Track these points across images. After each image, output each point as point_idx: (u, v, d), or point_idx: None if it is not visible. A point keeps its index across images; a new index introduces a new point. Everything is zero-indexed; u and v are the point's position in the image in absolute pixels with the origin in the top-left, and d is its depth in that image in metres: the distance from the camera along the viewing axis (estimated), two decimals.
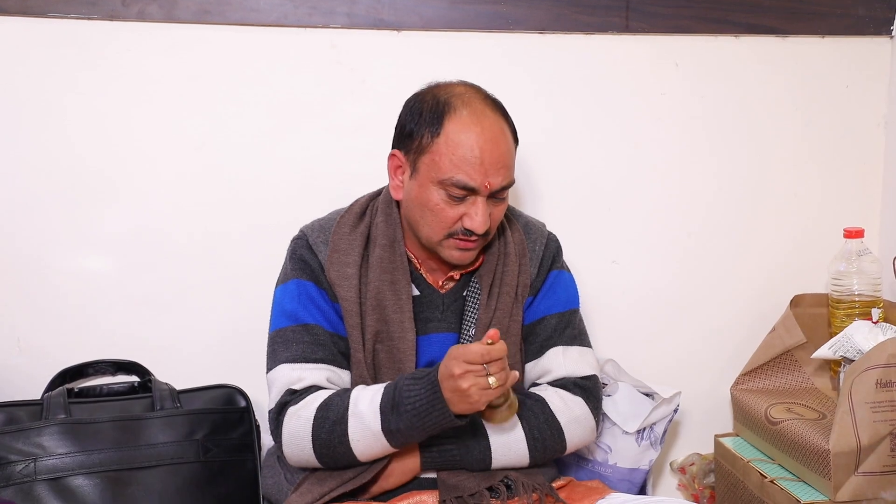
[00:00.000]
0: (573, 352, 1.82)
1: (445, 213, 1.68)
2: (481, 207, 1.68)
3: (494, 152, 1.67)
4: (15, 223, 2.02)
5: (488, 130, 1.67)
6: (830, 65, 2.29)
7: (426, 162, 1.68)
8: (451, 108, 1.67)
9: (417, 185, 1.70)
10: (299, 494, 1.68)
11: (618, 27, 2.16)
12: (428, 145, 1.67)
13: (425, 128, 1.68)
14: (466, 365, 1.52)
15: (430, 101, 1.70)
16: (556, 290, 1.86)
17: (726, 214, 2.30)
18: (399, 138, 1.74)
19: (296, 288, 1.76)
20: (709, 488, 2.28)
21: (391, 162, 1.75)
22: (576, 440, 1.76)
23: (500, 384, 1.53)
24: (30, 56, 1.98)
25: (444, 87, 1.74)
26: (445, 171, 1.65)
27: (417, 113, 1.70)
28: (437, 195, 1.68)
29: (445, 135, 1.66)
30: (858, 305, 2.12)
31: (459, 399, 1.54)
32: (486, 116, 1.68)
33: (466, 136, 1.65)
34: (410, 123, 1.70)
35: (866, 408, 1.83)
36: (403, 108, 1.75)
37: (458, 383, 1.53)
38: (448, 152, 1.65)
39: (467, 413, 1.57)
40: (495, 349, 1.53)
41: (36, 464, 1.84)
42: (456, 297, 1.80)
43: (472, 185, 1.66)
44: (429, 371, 1.60)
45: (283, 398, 1.70)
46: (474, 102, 1.69)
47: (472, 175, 1.65)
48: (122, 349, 2.05)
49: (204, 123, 2.06)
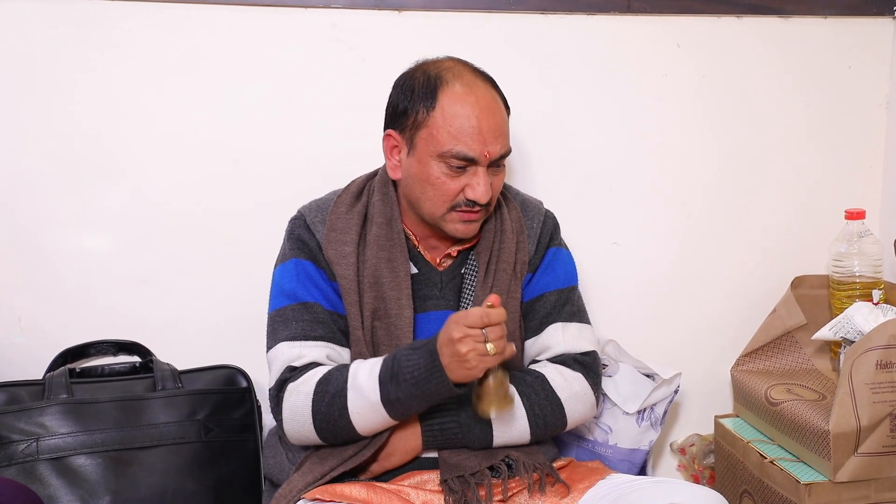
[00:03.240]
0: (572, 328, 1.82)
1: (447, 185, 1.69)
2: (482, 177, 1.68)
3: (491, 121, 1.68)
4: (16, 202, 2.01)
5: (482, 100, 1.68)
6: (833, 45, 2.29)
7: (423, 137, 1.68)
8: (443, 81, 1.68)
9: (416, 161, 1.70)
10: (301, 474, 1.68)
11: (620, 7, 2.15)
12: (424, 120, 1.68)
13: (419, 103, 1.68)
14: (466, 329, 1.53)
15: (420, 78, 1.70)
16: (554, 267, 1.86)
17: (727, 196, 2.30)
18: (392, 118, 1.74)
19: (294, 267, 1.76)
20: (708, 469, 2.29)
21: (386, 142, 1.75)
22: (576, 416, 1.77)
23: (498, 352, 1.54)
24: (32, 36, 1.97)
25: (432, 63, 1.74)
26: (444, 143, 1.66)
27: (409, 90, 1.70)
28: (437, 169, 1.68)
29: (441, 108, 1.66)
30: (859, 287, 2.12)
31: (458, 364, 1.54)
32: (478, 86, 1.70)
33: (462, 106, 1.66)
34: (403, 101, 1.71)
35: (866, 389, 1.84)
36: (393, 88, 1.75)
37: (457, 347, 1.53)
38: (445, 125, 1.66)
39: (465, 381, 1.58)
40: (494, 313, 1.53)
41: (38, 443, 1.84)
42: (454, 275, 1.81)
43: (472, 156, 1.67)
44: (428, 340, 1.60)
45: (282, 375, 1.70)
46: (465, 74, 1.70)
47: (470, 145, 1.66)
48: (124, 329, 2.06)
49: (204, 102, 2.06)
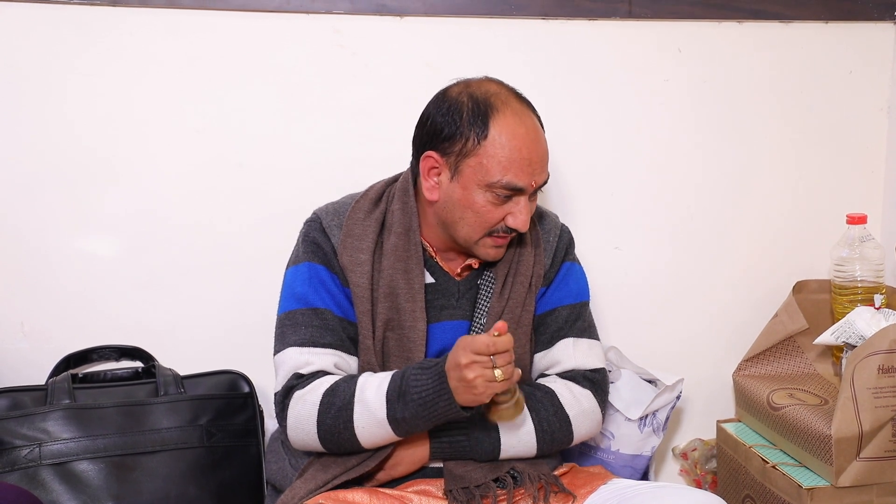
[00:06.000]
0: (583, 344, 1.82)
1: (490, 213, 1.68)
2: (525, 206, 1.68)
3: (538, 151, 1.68)
4: (18, 207, 2.01)
5: (532, 130, 1.68)
6: (834, 50, 2.29)
7: (471, 165, 1.66)
8: (493, 109, 1.65)
9: (461, 188, 1.68)
10: (304, 480, 1.68)
11: (621, 13, 2.15)
12: (474, 149, 1.65)
13: (469, 130, 1.65)
14: (473, 355, 1.52)
15: (468, 102, 1.67)
16: (568, 281, 1.86)
17: (729, 200, 2.30)
18: (433, 139, 1.69)
19: (307, 270, 1.74)
20: (711, 474, 2.29)
21: (425, 163, 1.71)
22: (583, 432, 1.77)
23: (505, 378, 1.53)
24: (32, 41, 1.97)
25: (475, 85, 1.70)
26: (494, 174, 1.64)
27: (456, 115, 1.66)
28: (482, 197, 1.67)
29: (492, 137, 1.64)
30: (861, 291, 2.12)
31: (465, 389, 1.54)
32: (526, 115, 1.68)
33: (513, 137, 1.65)
34: (450, 126, 1.66)
35: (868, 393, 1.84)
36: (433, 107, 1.71)
37: (464, 373, 1.52)
38: (496, 154, 1.64)
39: (472, 405, 1.57)
40: (500, 341, 1.52)
41: (41, 449, 1.84)
42: (470, 286, 1.80)
43: (521, 186, 1.66)
44: (437, 361, 1.59)
45: (289, 382, 1.69)
46: (512, 101, 1.68)
47: (520, 176, 1.65)
48: (126, 334, 2.06)
49: (205, 108, 2.06)
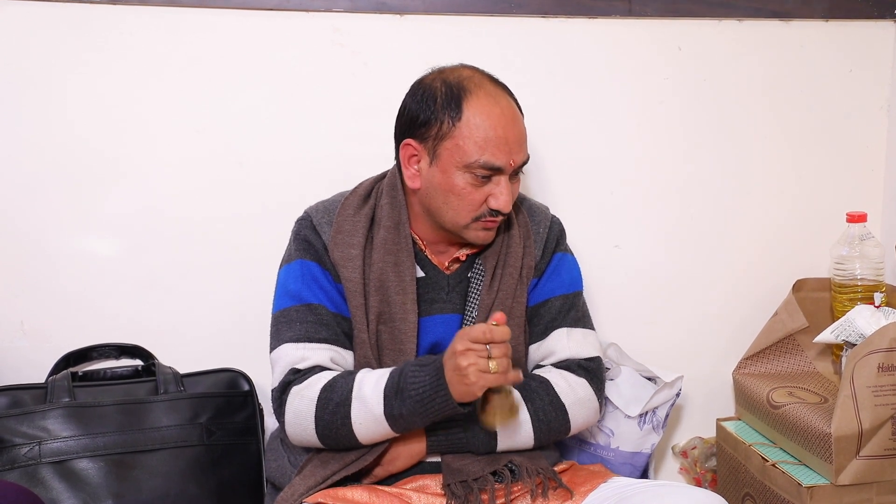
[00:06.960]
0: (577, 334, 1.83)
1: (471, 195, 1.69)
2: (505, 186, 1.69)
3: (515, 130, 1.69)
4: (18, 205, 2.02)
5: (507, 109, 1.69)
6: (834, 49, 2.29)
7: (448, 147, 1.68)
8: (466, 91, 1.68)
9: (440, 172, 1.69)
10: (302, 477, 1.68)
11: (621, 11, 2.15)
12: (449, 131, 1.67)
13: (443, 114, 1.67)
14: (469, 342, 1.53)
15: (441, 87, 1.69)
16: (560, 272, 1.86)
17: (729, 198, 2.30)
18: (410, 127, 1.72)
19: (299, 268, 1.76)
20: (710, 472, 2.29)
21: (404, 151, 1.73)
22: (580, 422, 1.77)
23: (499, 371, 1.53)
24: (33, 40, 1.98)
25: (449, 71, 1.73)
26: (471, 154, 1.66)
27: (430, 100, 1.69)
28: (462, 179, 1.68)
29: (466, 118, 1.66)
30: (861, 290, 2.12)
31: (458, 379, 1.54)
32: (500, 96, 1.70)
33: (488, 117, 1.66)
34: (424, 112, 1.69)
35: (868, 392, 1.84)
36: (409, 96, 1.74)
37: (458, 360, 1.53)
38: (471, 135, 1.66)
39: (465, 398, 1.57)
40: (497, 331, 1.53)
41: (41, 447, 1.85)
42: (461, 279, 1.81)
43: (499, 165, 1.67)
44: (435, 358, 1.60)
45: (286, 377, 1.70)
46: (486, 84, 1.71)
47: (497, 155, 1.67)
48: (126, 332, 2.06)
49: (206, 106, 2.06)
